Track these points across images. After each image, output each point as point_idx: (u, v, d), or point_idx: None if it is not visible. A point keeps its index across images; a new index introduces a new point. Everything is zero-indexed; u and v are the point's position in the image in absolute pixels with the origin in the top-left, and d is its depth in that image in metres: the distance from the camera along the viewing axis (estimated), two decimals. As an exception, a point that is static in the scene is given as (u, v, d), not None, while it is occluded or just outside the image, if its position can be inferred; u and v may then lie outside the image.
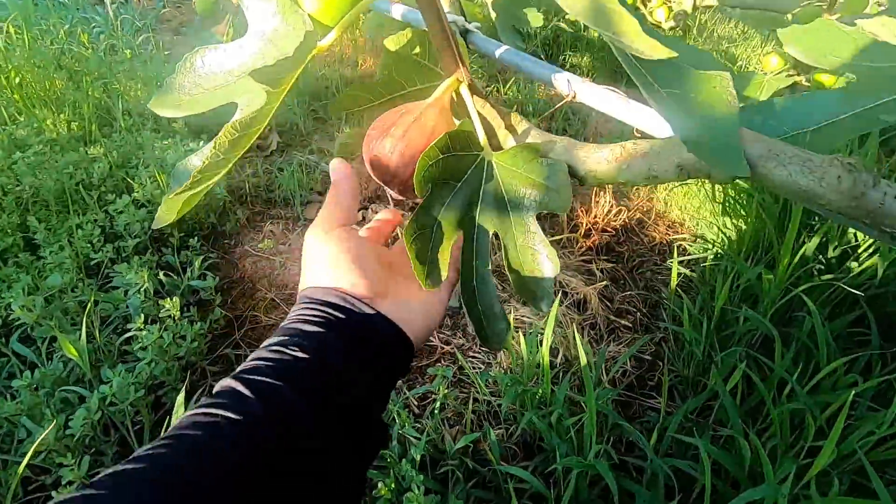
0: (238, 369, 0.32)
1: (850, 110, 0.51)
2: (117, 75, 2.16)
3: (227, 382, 0.30)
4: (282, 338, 0.33)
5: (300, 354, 0.32)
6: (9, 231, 1.32)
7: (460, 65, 0.51)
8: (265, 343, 0.34)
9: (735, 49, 2.70)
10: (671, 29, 2.52)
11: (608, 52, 2.95)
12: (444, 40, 0.49)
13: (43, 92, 1.90)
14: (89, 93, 1.90)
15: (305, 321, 0.34)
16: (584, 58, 2.94)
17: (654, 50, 0.30)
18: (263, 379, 0.30)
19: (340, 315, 0.35)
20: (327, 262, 0.37)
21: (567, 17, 2.61)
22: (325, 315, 0.34)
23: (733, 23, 3.42)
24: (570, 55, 2.91)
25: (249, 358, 0.33)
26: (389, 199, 0.46)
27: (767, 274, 1.03)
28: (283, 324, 0.35)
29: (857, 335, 1.06)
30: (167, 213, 0.49)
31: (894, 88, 0.45)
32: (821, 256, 1.10)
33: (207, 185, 0.48)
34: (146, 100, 2.05)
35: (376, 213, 0.51)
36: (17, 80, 1.90)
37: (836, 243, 1.12)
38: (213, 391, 0.30)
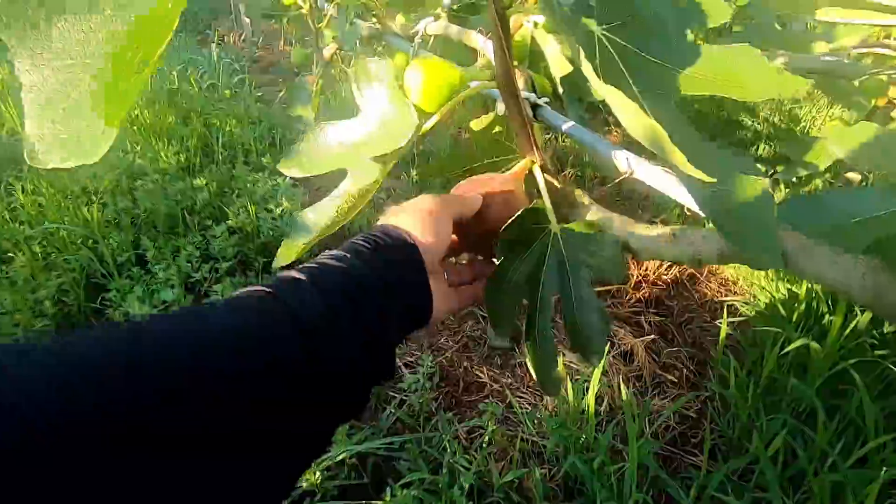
0: (310, 267, 0.37)
1: (889, 208, 0.58)
2: (216, 112, 2.44)
3: (292, 275, 0.35)
4: (347, 255, 0.39)
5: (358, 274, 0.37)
6: (125, 248, 1.53)
7: (534, 147, 0.62)
8: (336, 253, 0.40)
9: (799, 110, 2.69)
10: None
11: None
12: (521, 126, 0.60)
13: (156, 126, 2.18)
14: (195, 129, 2.17)
15: (376, 247, 0.40)
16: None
17: (699, 175, 0.39)
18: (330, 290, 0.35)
19: (404, 266, 0.41)
20: (426, 222, 0.44)
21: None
22: (389, 257, 0.40)
23: (801, 83, 3.39)
24: (613, 125, 2.97)
25: (321, 258, 0.39)
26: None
27: (815, 345, 1.04)
28: (353, 239, 0.42)
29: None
30: (287, 253, 0.62)
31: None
32: (875, 331, 1.10)
33: (323, 236, 0.60)
34: (240, 135, 2.30)
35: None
36: (135, 114, 2.19)
37: (892, 319, 1.11)
38: (277, 278, 0.36)
